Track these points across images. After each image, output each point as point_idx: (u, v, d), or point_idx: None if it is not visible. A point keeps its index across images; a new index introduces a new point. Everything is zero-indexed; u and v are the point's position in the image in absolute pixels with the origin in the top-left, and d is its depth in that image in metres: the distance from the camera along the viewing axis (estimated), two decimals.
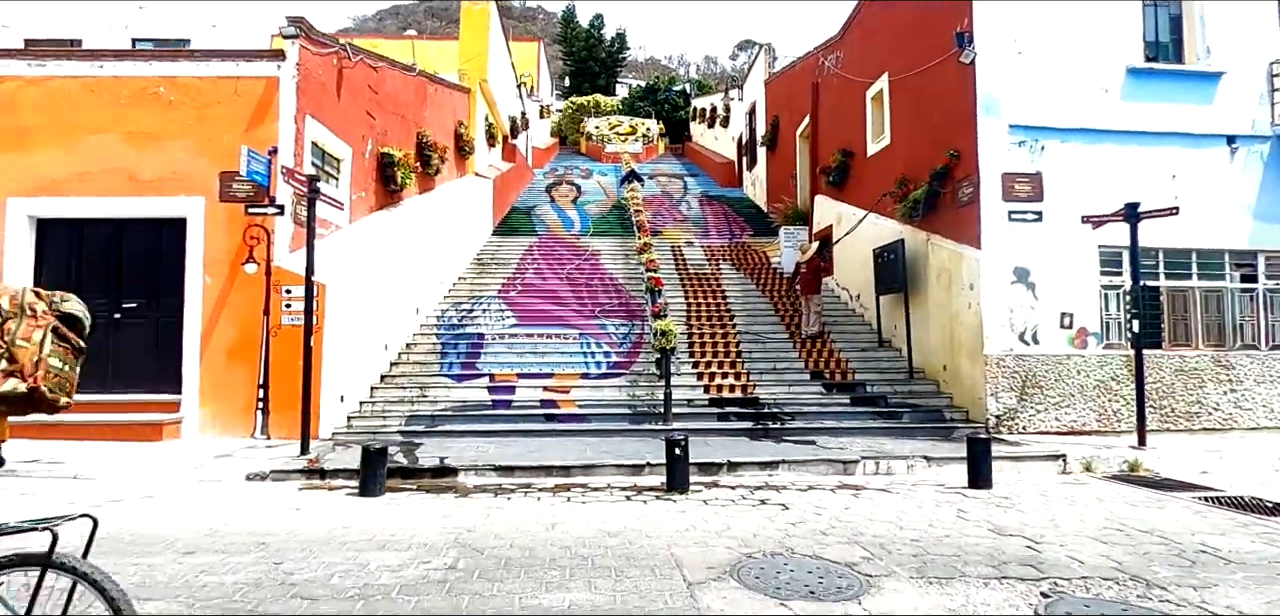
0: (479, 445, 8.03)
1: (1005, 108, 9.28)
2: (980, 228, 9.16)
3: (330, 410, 8.57)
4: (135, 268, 8.64)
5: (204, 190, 8.45)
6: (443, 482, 6.64)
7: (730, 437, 8.61)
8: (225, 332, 8.42)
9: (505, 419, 9.10)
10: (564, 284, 14.22)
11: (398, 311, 11.16)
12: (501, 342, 11.41)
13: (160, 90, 8.56)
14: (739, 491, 6.34)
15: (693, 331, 11.92)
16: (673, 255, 16.42)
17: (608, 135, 37.48)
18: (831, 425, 8.98)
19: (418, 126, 13.36)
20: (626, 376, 10.43)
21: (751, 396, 9.84)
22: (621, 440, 8.43)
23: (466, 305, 13.03)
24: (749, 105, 25.05)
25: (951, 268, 9.74)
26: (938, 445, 8.10)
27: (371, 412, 9.21)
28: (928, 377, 10.30)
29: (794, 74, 19.18)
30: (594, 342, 11.47)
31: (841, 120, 14.50)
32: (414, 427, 8.69)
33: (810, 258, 11.98)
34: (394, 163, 11.52)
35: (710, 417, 9.28)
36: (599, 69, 54.04)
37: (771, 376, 10.47)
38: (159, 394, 8.45)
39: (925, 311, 10.41)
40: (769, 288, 14.39)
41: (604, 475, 6.91)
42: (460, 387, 9.94)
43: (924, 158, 10.63)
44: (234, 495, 6.02)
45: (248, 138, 8.33)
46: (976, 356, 9.12)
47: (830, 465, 7.18)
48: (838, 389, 10.16)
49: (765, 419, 9.18)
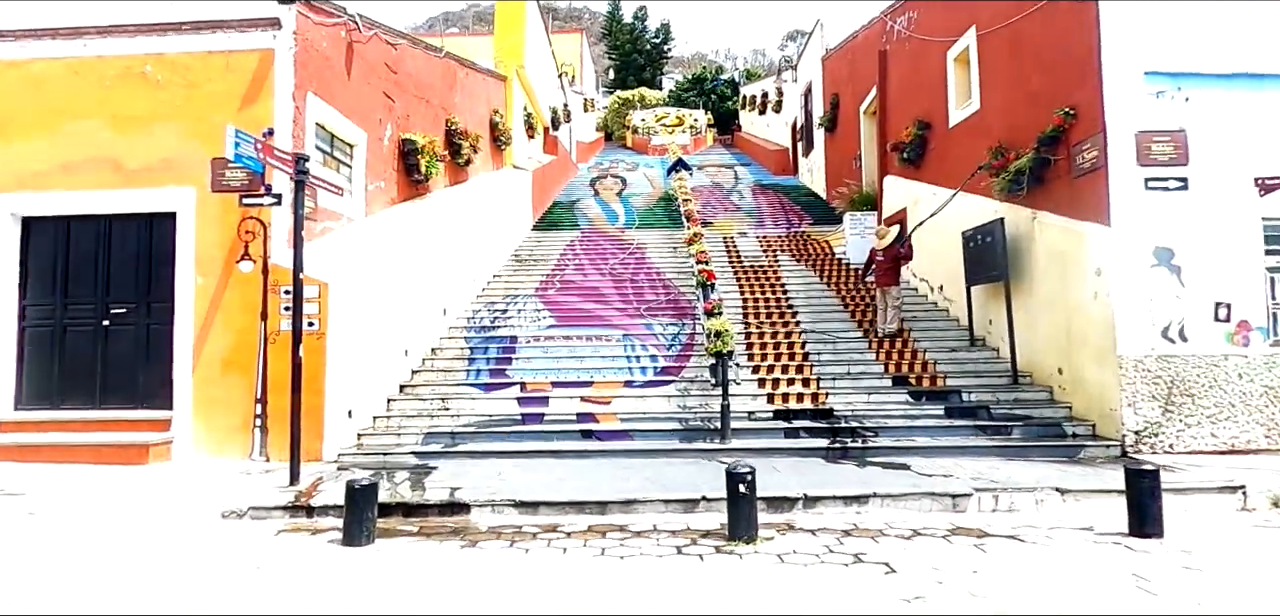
0: (502, 469, 6.80)
1: (1139, 50, 7.54)
2: (1108, 200, 7.45)
3: (336, 427, 7.49)
4: (124, 268, 7.74)
5: (195, 180, 7.48)
6: (450, 522, 5.42)
7: (801, 458, 7.16)
8: (220, 340, 7.43)
9: (535, 436, 7.85)
10: (607, 280, 12.95)
11: (421, 313, 10.07)
12: (536, 346, 10.20)
13: (147, 69, 7.63)
14: (822, 537, 4.91)
15: (750, 331, 10.47)
16: (725, 247, 14.96)
17: (654, 127, 36.13)
18: (924, 443, 7.42)
19: (446, 113, 12.31)
20: (676, 384, 9.07)
21: (824, 407, 8.33)
22: (669, 463, 7.08)
23: (500, 305, 11.90)
24: (804, 86, 23.32)
25: (1068, 250, 8.03)
26: (1066, 471, 6.47)
27: (386, 428, 8.11)
28: (1037, 383, 8.60)
29: (856, 45, 17.44)
30: (639, 345, 10.15)
31: (916, 89, 12.78)
32: (430, 447, 7.53)
33: (889, 244, 10.36)
34: (417, 150, 10.45)
35: (775, 434, 7.83)
36: (644, 61, 52.79)
37: (846, 383, 8.94)
38: (150, 409, 7.53)
39: (1031, 303, 8.71)
40: (834, 280, 12.80)
41: (649, 513, 5.57)
42: (487, 399, 8.76)
43: (1025, 121, 8.93)
44: (195, 541, 4.92)
45: (241, 118, 7.30)
46: (1106, 357, 7.42)
47: (935, 499, 5.66)
48: (927, 397, 8.56)
49: (842, 435, 7.68)
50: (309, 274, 7.37)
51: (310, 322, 7.36)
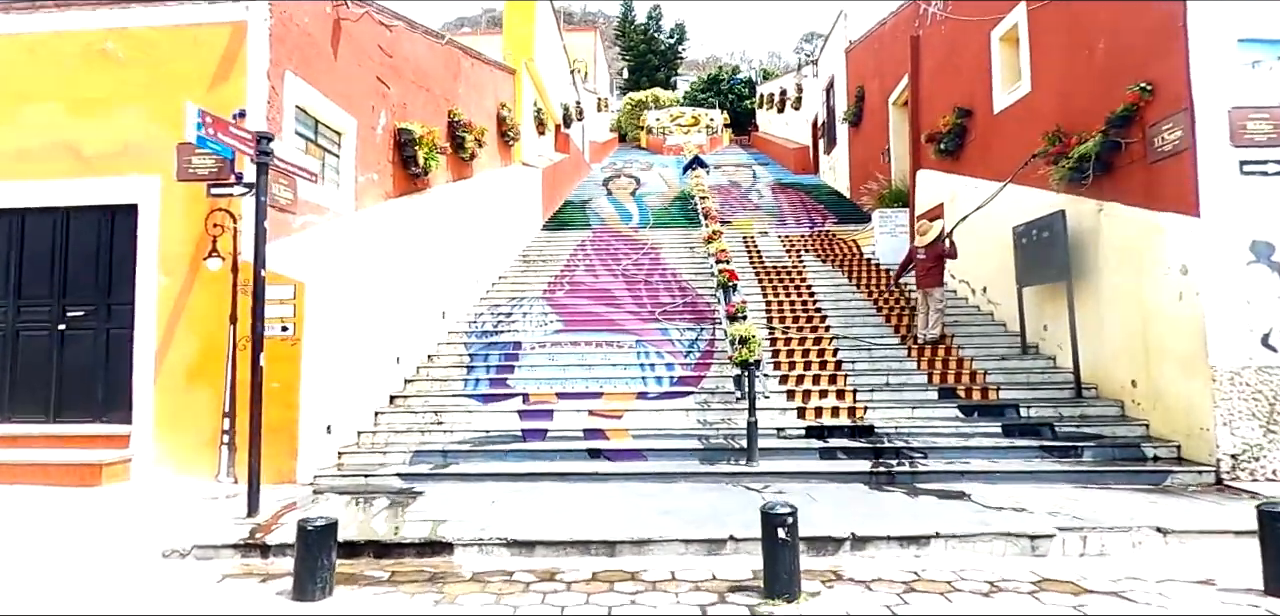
0: (498, 495, 5.93)
1: (1231, 14, 6.54)
2: (1196, 186, 6.45)
3: (312, 445, 6.66)
4: (83, 265, 6.97)
5: (160, 168, 6.70)
6: (430, 566, 4.55)
7: (841, 485, 6.21)
8: (185, 346, 6.64)
9: (537, 455, 6.97)
10: (619, 281, 12.08)
11: (417, 317, 9.25)
12: (541, 353, 9.34)
13: (108, 46, 6.87)
14: (878, 592, 3.99)
15: (776, 337, 9.53)
16: (745, 246, 14.03)
17: (668, 127, 35.27)
18: (982, 467, 6.44)
19: (449, 104, 11.52)
20: (695, 395, 8.16)
21: (863, 423, 7.38)
22: (689, 489, 6.17)
23: (505, 308, 11.06)
24: (826, 80, 22.34)
25: (1143, 245, 7.03)
26: (1158, 504, 5.48)
27: (371, 446, 7.27)
28: (1104, 396, 7.59)
29: (884, 33, 16.46)
30: (654, 352, 9.25)
31: (953, 75, 11.79)
32: (419, 468, 6.67)
33: (932, 242, 9.36)
34: (415, 140, 9.65)
35: (809, 455, 6.89)
36: (659, 62, 52.02)
37: (886, 395, 7.98)
38: (110, 423, 6.76)
39: (1097, 306, 7.71)
40: (865, 282, 11.82)
41: (666, 554, 4.67)
42: (485, 411, 7.90)
43: (1087, 102, 7.94)
44: (119, 589, 4.09)
45: (211, 100, 6.51)
46: (1194, 368, 6.41)
47: (1010, 541, 4.71)
48: (980, 413, 7.58)
49: (886, 456, 6.72)
50: (284, 272, 6.59)
51: (284, 327, 6.56)
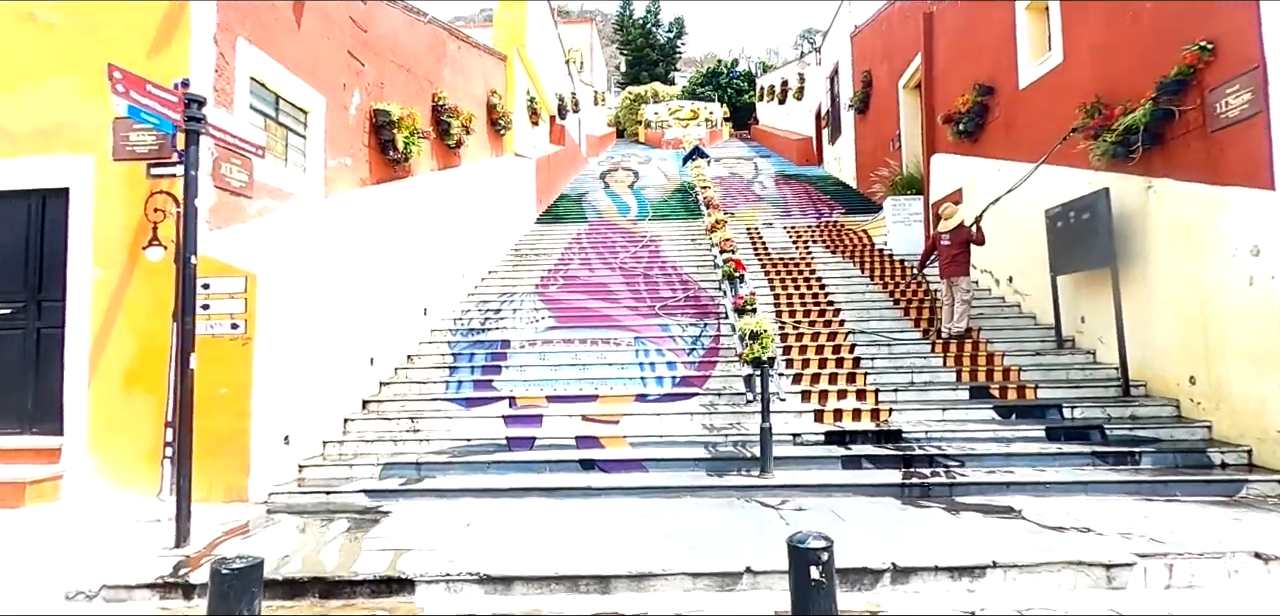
0: (475, 515, 5.16)
1: None
2: (1270, 157, 5.66)
3: (267, 458, 5.88)
4: (9, 258, 6.18)
5: (94, 146, 5.93)
6: (385, 608, 3.78)
7: (869, 499, 5.44)
8: (123, 347, 5.86)
9: (523, 467, 6.20)
10: (617, 275, 11.31)
11: (396, 313, 8.48)
12: (532, 352, 8.57)
13: (36, 11, 6.08)
14: None
15: (786, 332, 8.77)
16: (749, 238, 13.26)
17: (667, 121, 34.50)
18: (1029, 476, 5.67)
19: (433, 87, 10.76)
20: (700, 397, 7.39)
21: (888, 427, 6.59)
22: (696, 504, 5.40)
23: (494, 304, 10.29)
24: (830, 68, 21.56)
25: (1201, 224, 6.26)
26: (1241, 519, 4.71)
27: (338, 457, 6.49)
28: (1156, 394, 6.82)
29: (892, 13, 15.69)
30: (654, 350, 8.48)
31: (973, 50, 11.02)
32: (388, 483, 5.88)
33: (956, 226, 8.58)
34: (393, 122, 8.89)
35: (830, 463, 6.11)
36: (657, 57, 51.24)
37: (911, 395, 7.21)
38: (41, 434, 5.98)
39: (1146, 294, 6.93)
40: (879, 273, 11.06)
41: (670, 589, 3.90)
42: (467, 418, 7.12)
43: (1129, 70, 7.17)
44: None
45: (153, 68, 5.70)
46: (1268, 363, 5.63)
47: (1080, 571, 3.93)
48: (1018, 414, 6.80)
49: (917, 465, 5.94)
50: (235, 263, 5.82)
51: (235, 324, 5.79)
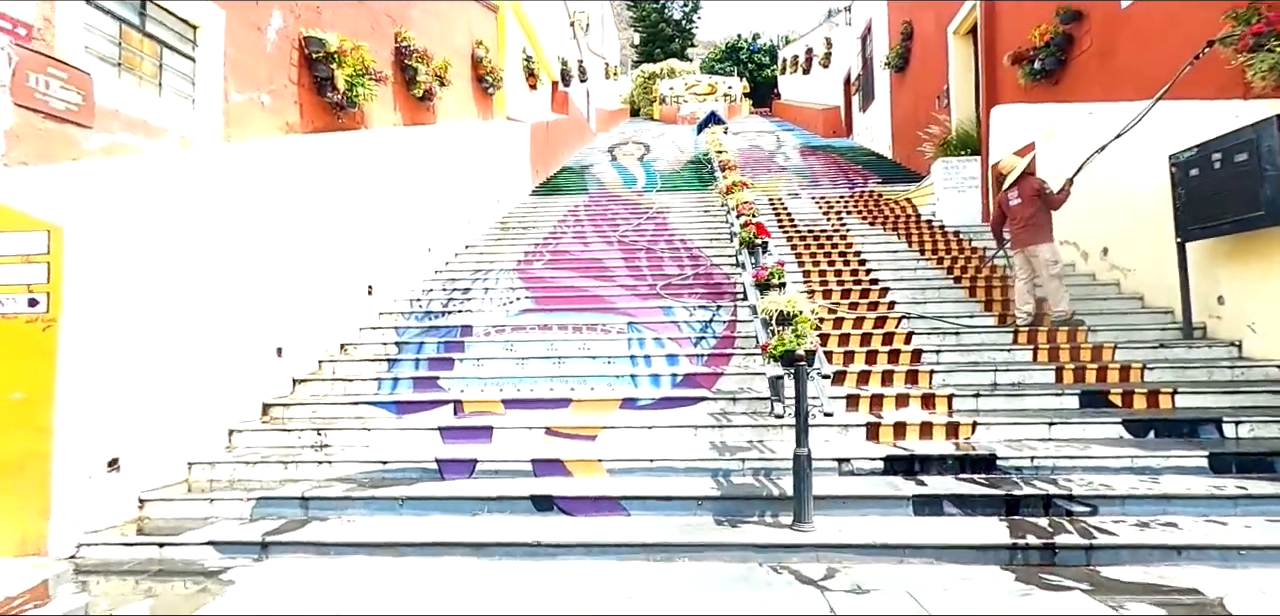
0: (362, 589, 3.36)
1: None
2: None
3: (81, 493, 4.12)
4: None
5: None
6: None
7: (961, 565, 3.54)
8: None
9: (456, 504, 4.36)
10: (614, 250, 9.45)
11: (325, 292, 6.71)
12: (497, 341, 6.76)
13: None
14: None
15: (821, 317, 6.84)
16: (772, 207, 11.32)
17: (683, 96, 32.43)
18: (1204, 534, 3.71)
19: (398, 25, 8.96)
20: (707, 402, 5.52)
21: (975, 451, 4.65)
22: (698, 577, 3.54)
23: (464, 282, 8.50)
24: (863, 27, 19.41)
25: None
26: None
27: (206, 486, 4.72)
28: None
29: None
30: (650, 338, 6.63)
31: None
32: (255, 529, 4.07)
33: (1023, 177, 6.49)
34: (329, 56, 7.11)
35: (895, 506, 4.18)
36: (673, 32, 49.03)
37: (998, 401, 5.26)
38: None
39: None
40: (931, 248, 9.06)
41: None
42: (395, 428, 5.32)
43: None
44: None
45: None
46: None
47: None
48: (1158, 431, 4.84)
49: (1028, 509, 4.01)
50: (32, 212, 4.05)
51: (32, 301, 4.02)
